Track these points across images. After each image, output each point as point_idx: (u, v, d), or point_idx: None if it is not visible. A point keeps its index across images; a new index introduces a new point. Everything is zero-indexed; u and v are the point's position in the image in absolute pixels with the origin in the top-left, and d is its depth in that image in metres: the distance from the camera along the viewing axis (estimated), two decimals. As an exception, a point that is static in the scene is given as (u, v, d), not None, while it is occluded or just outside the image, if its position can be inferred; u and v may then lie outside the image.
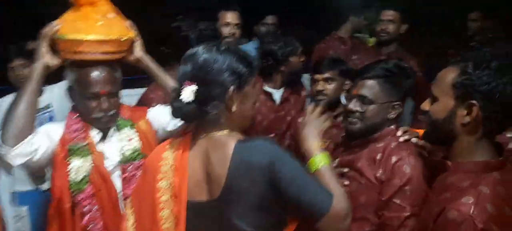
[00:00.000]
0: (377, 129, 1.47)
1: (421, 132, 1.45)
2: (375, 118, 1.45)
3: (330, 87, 2.01)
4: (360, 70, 1.55)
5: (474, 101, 1.04)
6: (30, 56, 2.29)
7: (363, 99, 1.45)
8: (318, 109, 1.34)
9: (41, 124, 2.36)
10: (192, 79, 1.07)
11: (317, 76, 2.04)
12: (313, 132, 1.26)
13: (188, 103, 1.06)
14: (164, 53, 2.03)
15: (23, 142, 1.37)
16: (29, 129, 1.39)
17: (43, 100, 2.37)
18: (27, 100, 1.39)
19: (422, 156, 1.41)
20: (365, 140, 1.49)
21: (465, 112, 1.07)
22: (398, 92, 1.46)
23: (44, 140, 1.45)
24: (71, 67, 1.49)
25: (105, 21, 1.43)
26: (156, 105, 1.74)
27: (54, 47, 1.46)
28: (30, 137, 1.39)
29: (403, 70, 1.48)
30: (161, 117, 1.67)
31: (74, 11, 1.45)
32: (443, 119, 1.11)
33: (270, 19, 3.15)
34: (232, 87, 1.08)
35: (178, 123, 1.65)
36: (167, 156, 1.16)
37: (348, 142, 1.57)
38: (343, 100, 1.58)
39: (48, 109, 2.45)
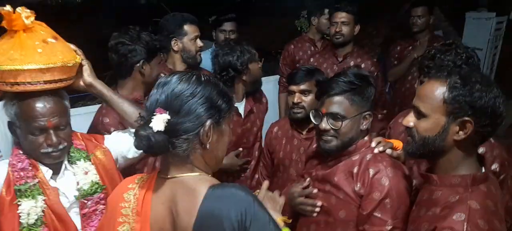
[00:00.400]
0: (352, 142, 1.45)
1: (395, 142, 1.46)
2: (350, 132, 1.43)
3: (307, 99, 1.96)
4: (323, 88, 1.52)
5: (467, 118, 1.05)
6: None
7: (334, 117, 1.42)
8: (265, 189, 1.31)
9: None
10: (165, 108, 0.96)
11: (293, 87, 1.98)
12: (273, 209, 1.22)
13: (158, 132, 0.95)
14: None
15: None
16: None
17: None
18: None
19: (399, 166, 1.39)
20: (340, 154, 1.47)
21: (457, 128, 1.08)
22: (366, 101, 1.45)
23: None
24: (11, 100, 1.33)
25: (45, 47, 1.28)
26: (112, 130, 1.60)
27: None
28: None
29: (364, 79, 1.46)
30: (120, 143, 1.55)
31: (8, 38, 1.29)
32: (435, 136, 1.10)
33: (228, 26, 3.05)
34: (209, 121, 0.99)
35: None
36: (129, 198, 1.05)
37: (321, 155, 1.54)
38: (312, 119, 1.50)
39: None
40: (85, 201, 1.41)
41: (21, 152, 1.38)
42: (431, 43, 3.21)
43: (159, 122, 0.95)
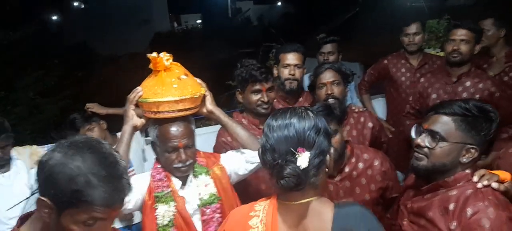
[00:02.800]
0: (447, 171, 1.34)
1: (502, 174, 1.32)
2: (444, 158, 1.32)
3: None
4: (434, 105, 1.42)
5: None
6: (90, 119, 2.63)
7: (433, 135, 1.33)
8: None
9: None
10: (301, 146, 1.08)
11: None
12: None
13: (304, 169, 1.06)
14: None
15: None
16: None
17: None
18: None
19: (505, 206, 1.24)
20: (436, 184, 1.36)
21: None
22: (476, 135, 1.30)
23: (135, 192, 1.61)
24: (153, 125, 1.67)
25: (179, 83, 1.60)
26: (228, 149, 1.85)
27: (139, 109, 1.66)
28: None
29: (484, 113, 1.32)
30: (233, 162, 1.78)
31: (153, 77, 1.64)
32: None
33: (327, 48, 3.09)
34: (332, 150, 1.13)
35: (250, 167, 1.76)
36: (256, 224, 1.15)
37: (418, 185, 1.45)
38: (412, 133, 1.41)
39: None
40: (205, 209, 1.66)
41: (159, 166, 1.70)
42: (509, 59, 2.86)
43: (304, 160, 1.06)
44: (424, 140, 1.35)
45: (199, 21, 26.22)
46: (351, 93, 3.23)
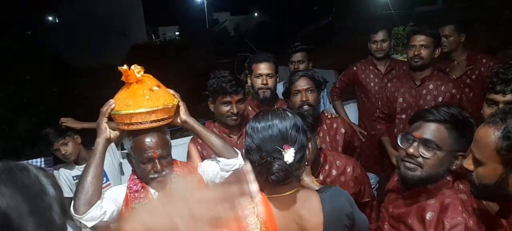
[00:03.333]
0: (437, 179, 1.30)
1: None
2: (439, 167, 1.28)
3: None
4: (419, 113, 1.38)
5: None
6: (64, 133, 2.63)
7: (428, 144, 1.28)
8: None
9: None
10: (287, 143, 1.18)
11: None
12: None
13: (290, 164, 1.17)
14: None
15: (92, 208, 1.56)
16: (96, 196, 1.58)
17: None
18: (93, 172, 1.59)
19: (486, 215, 1.21)
20: (417, 190, 1.32)
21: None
22: (464, 142, 1.29)
23: (110, 203, 1.64)
24: (127, 137, 1.69)
25: (151, 94, 1.62)
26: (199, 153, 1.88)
27: (112, 121, 1.68)
28: (98, 202, 1.59)
29: (467, 120, 1.30)
30: (210, 171, 1.82)
31: (125, 89, 1.66)
32: (494, 183, 1.05)
33: (297, 56, 3.14)
34: (310, 145, 1.26)
35: (225, 175, 1.81)
36: (253, 221, 1.21)
37: (399, 190, 1.41)
38: (399, 142, 1.36)
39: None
40: None
41: (136, 177, 1.72)
42: (470, 62, 3.01)
43: (290, 155, 1.17)
44: (417, 149, 1.30)
45: (177, 32, 26.14)
46: (324, 100, 3.31)
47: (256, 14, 24.91)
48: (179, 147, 2.55)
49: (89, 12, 19.48)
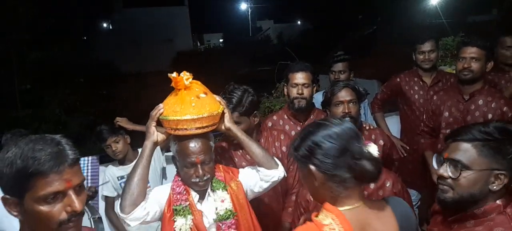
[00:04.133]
0: (477, 202, 1.23)
1: None
2: (471, 187, 1.21)
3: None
4: (452, 132, 1.33)
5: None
6: (117, 132, 2.81)
7: (455, 164, 1.24)
8: None
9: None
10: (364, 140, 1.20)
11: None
12: None
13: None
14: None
15: (136, 208, 1.65)
16: (141, 197, 1.67)
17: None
18: (140, 174, 1.67)
19: None
20: (464, 215, 1.26)
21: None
22: (502, 160, 1.20)
23: (154, 204, 1.72)
24: (173, 141, 1.77)
25: (197, 102, 1.68)
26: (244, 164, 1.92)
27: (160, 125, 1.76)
28: (142, 203, 1.67)
29: (508, 134, 1.22)
30: (249, 178, 1.84)
31: (174, 95, 1.74)
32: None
33: (338, 66, 3.10)
34: None
35: (264, 185, 1.84)
36: None
37: (445, 214, 1.35)
38: (434, 164, 1.33)
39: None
40: (221, 224, 1.73)
41: (179, 179, 1.79)
42: None
43: (375, 149, 1.17)
44: (446, 170, 1.26)
45: (221, 40, 26.72)
46: (365, 111, 3.26)
47: (299, 22, 24.89)
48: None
49: (140, 20, 20.42)
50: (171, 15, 22.12)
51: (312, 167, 1.15)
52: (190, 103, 1.67)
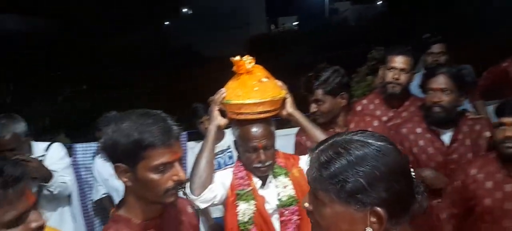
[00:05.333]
0: None
1: None
2: None
3: None
4: None
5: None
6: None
7: None
8: None
9: (224, 162, 2.87)
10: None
11: (506, 119, 1.75)
12: None
13: None
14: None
15: (205, 191, 1.69)
16: (209, 179, 1.70)
17: (225, 143, 3.02)
18: (206, 157, 1.71)
19: None
20: None
21: None
22: None
23: (220, 187, 1.74)
24: (235, 125, 1.76)
25: (260, 86, 1.66)
26: (301, 149, 1.85)
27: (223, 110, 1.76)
28: (210, 186, 1.70)
29: None
30: None
31: (236, 79, 1.73)
32: None
33: (436, 47, 2.88)
34: None
35: None
36: None
37: None
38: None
39: (228, 150, 3.05)
40: (283, 210, 1.70)
41: (241, 164, 1.79)
42: None
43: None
44: None
45: (296, 22, 26.42)
46: None
47: (379, 2, 23.48)
48: (282, 138, 2.57)
49: (218, 5, 21.06)
50: (248, 0, 22.45)
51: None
52: (253, 88, 1.66)
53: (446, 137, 2.13)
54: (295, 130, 2.30)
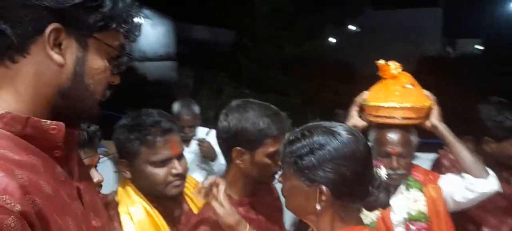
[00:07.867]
0: None
1: None
2: None
3: None
4: None
5: None
6: None
7: None
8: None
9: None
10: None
11: None
12: None
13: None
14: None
15: None
16: None
17: None
18: None
19: None
20: None
21: None
22: None
23: None
24: (372, 128, 1.76)
25: (402, 91, 1.63)
26: (447, 172, 1.71)
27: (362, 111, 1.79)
28: None
29: None
30: (452, 185, 1.65)
31: (380, 83, 1.74)
32: None
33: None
34: None
35: (469, 195, 1.60)
36: None
37: None
38: None
39: None
40: (410, 224, 1.62)
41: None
42: None
43: (384, 172, 1.11)
44: None
45: (477, 46, 23.13)
46: None
47: None
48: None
49: (388, 22, 20.29)
50: (421, 17, 20.81)
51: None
52: (394, 92, 1.65)
53: None
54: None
